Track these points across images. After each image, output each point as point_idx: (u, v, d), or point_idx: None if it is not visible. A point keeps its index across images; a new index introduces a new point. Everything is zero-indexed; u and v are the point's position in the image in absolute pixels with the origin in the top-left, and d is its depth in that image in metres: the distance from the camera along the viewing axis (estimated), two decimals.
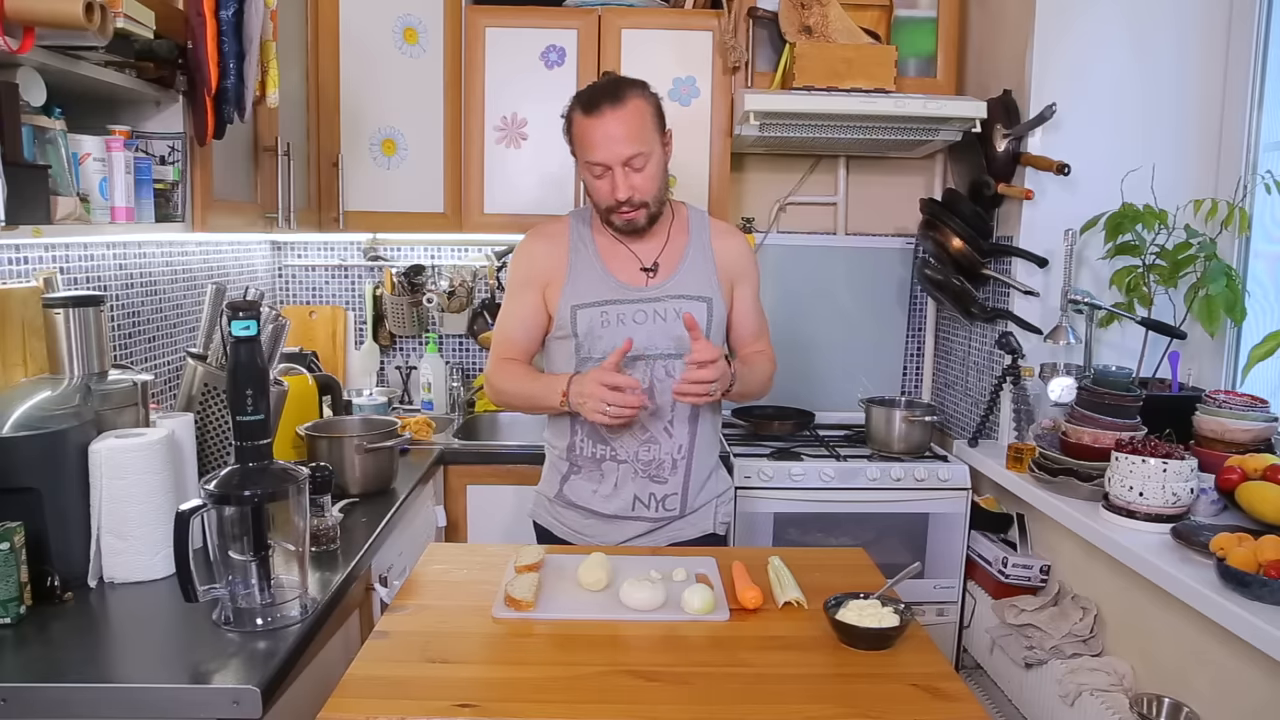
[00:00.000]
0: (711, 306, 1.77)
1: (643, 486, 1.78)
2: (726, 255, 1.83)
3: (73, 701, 1.14)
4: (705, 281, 1.78)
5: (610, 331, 1.73)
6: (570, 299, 1.75)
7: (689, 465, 1.80)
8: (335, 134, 2.56)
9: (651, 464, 1.77)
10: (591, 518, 1.81)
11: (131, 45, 1.49)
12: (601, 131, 1.65)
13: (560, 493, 1.84)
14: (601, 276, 1.76)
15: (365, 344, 3.00)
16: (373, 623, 1.55)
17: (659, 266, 1.78)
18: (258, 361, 1.32)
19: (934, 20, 2.70)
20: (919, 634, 1.32)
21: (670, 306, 1.74)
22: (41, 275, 1.69)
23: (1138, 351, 2.32)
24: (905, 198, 2.96)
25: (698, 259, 1.80)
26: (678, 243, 1.81)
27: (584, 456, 1.80)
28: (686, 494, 1.81)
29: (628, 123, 1.64)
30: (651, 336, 1.74)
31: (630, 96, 1.66)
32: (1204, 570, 1.61)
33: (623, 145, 1.64)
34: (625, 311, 1.74)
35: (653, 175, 1.69)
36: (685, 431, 1.78)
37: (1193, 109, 2.38)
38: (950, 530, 2.49)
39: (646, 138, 1.67)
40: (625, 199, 1.67)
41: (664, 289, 1.76)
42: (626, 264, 1.78)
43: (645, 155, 1.67)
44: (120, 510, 1.42)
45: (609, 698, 1.14)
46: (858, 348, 3.02)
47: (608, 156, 1.65)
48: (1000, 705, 2.29)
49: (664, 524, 1.81)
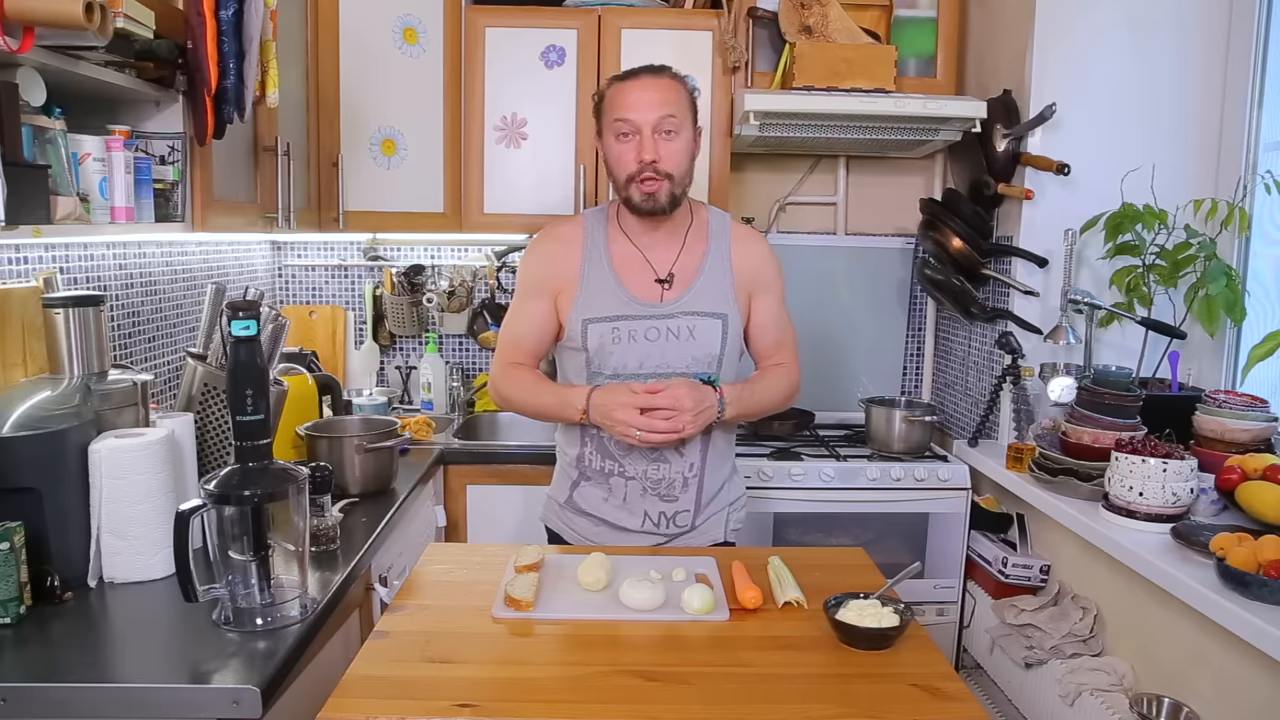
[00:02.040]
0: (727, 323, 1.71)
1: (653, 505, 1.74)
2: (746, 265, 1.75)
3: (73, 701, 1.14)
4: (722, 297, 1.72)
5: (622, 349, 1.68)
6: (582, 312, 1.70)
7: (700, 483, 1.75)
8: (335, 134, 2.56)
9: (661, 483, 1.73)
10: (601, 525, 1.77)
11: (131, 45, 1.49)
12: (637, 93, 1.63)
13: (570, 499, 1.80)
14: (614, 289, 1.70)
15: (365, 344, 3.00)
16: (373, 623, 1.55)
17: (674, 278, 1.71)
18: (258, 361, 1.32)
19: (934, 20, 2.70)
20: (919, 634, 1.32)
21: (684, 324, 1.69)
22: (41, 275, 1.69)
23: (1138, 351, 2.32)
24: (905, 198, 2.96)
25: (715, 271, 1.73)
26: (695, 251, 1.74)
27: (592, 469, 1.76)
28: (697, 510, 1.77)
29: (664, 90, 1.64)
30: (665, 355, 1.69)
31: (669, 75, 1.68)
32: (1204, 570, 1.61)
33: (656, 107, 1.62)
34: (637, 328, 1.69)
35: (681, 150, 1.65)
36: (697, 450, 1.73)
37: (1193, 109, 2.38)
38: (950, 530, 2.49)
39: (681, 110, 1.65)
40: (651, 160, 1.62)
41: (679, 304, 1.70)
42: (641, 275, 1.72)
43: (677, 123, 1.63)
44: (120, 510, 1.42)
45: (609, 698, 1.14)
46: (858, 348, 3.02)
47: (640, 116, 1.62)
48: (1000, 705, 2.29)
49: (674, 538, 1.78)
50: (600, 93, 1.71)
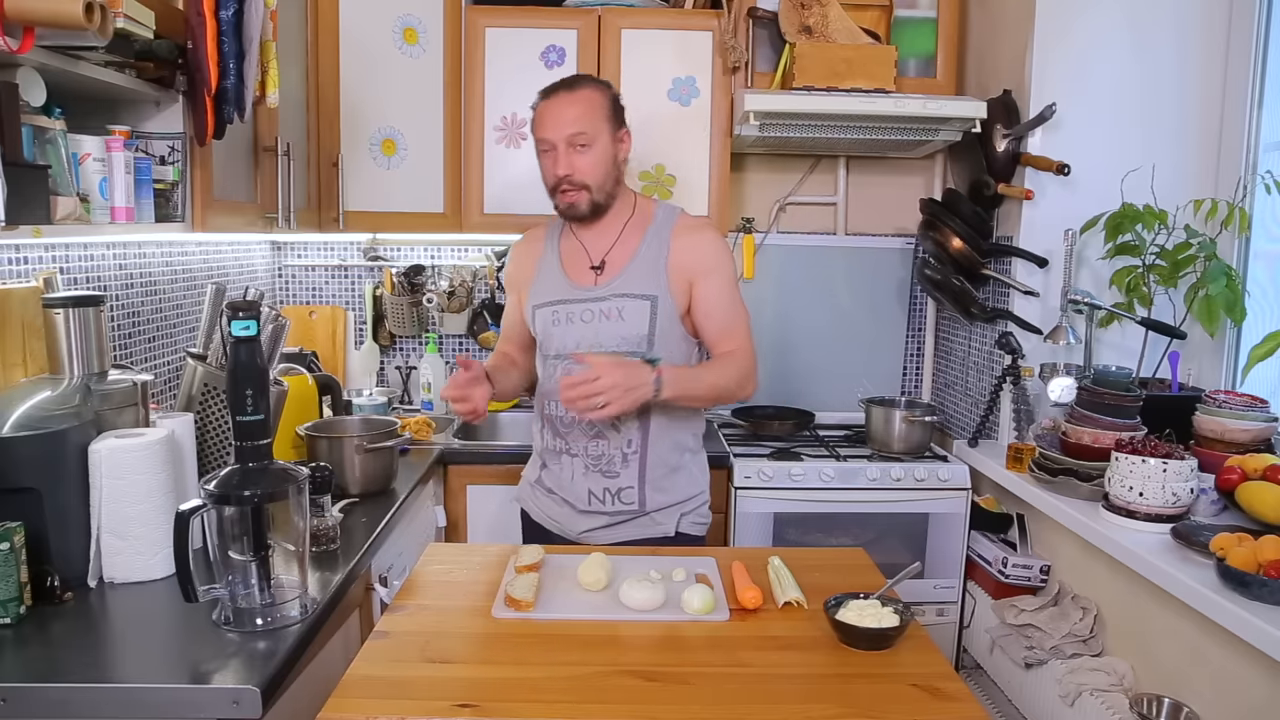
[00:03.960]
0: (656, 304, 1.78)
1: (596, 481, 1.83)
2: (686, 251, 1.80)
3: (73, 701, 1.14)
4: (652, 280, 1.79)
5: (560, 330, 1.82)
6: (533, 299, 1.87)
7: (643, 461, 1.82)
8: (335, 134, 2.56)
9: (601, 459, 1.82)
10: (563, 506, 1.88)
11: (131, 45, 1.49)
12: (551, 111, 1.76)
13: (539, 479, 1.94)
14: (557, 277, 1.85)
15: (365, 344, 3.00)
16: (373, 623, 1.55)
17: (605, 264, 1.83)
18: (258, 361, 1.32)
19: (934, 20, 2.70)
20: (919, 634, 1.33)
21: (614, 305, 1.79)
22: (41, 275, 1.69)
23: (1138, 351, 2.32)
24: (905, 198, 2.96)
25: (648, 256, 1.81)
26: (631, 240, 1.83)
27: (547, 449, 1.89)
28: (644, 490, 1.83)
29: (576, 105, 1.75)
30: (598, 334, 1.79)
31: (584, 86, 1.78)
32: (1204, 570, 1.61)
33: (568, 124, 1.73)
34: (574, 310, 1.81)
35: (596, 161, 1.76)
36: (635, 427, 1.81)
37: (1193, 109, 2.38)
38: (950, 530, 2.49)
39: (593, 123, 1.75)
40: (565, 174, 1.74)
41: (609, 288, 1.80)
42: (579, 263, 1.85)
43: (589, 137, 1.74)
44: (120, 510, 1.42)
45: (609, 698, 1.14)
46: (858, 348, 3.02)
47: (553, 133, 1.74)
48: (1000, 705, 2.29)
49: (624, 519, 1.84)
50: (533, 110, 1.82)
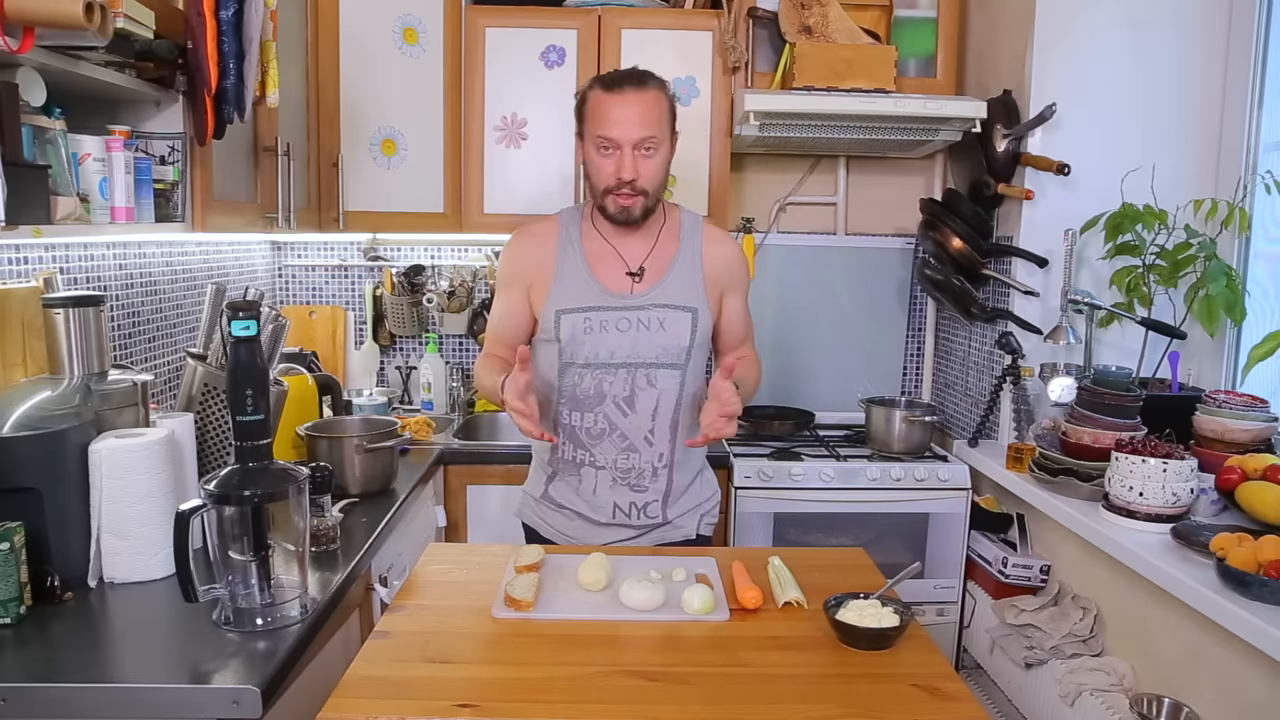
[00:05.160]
0: (696, 317, 1.74)
1: (623, 495, 1.77)
2: (718, 264, 1.79)
3: (73, 701, 1.14)
4: (692, 291, 1.75)
5: (594, 338, 1.72)
6: (555, 303, 1.74)
7: (670, 474, 1.78)
8: (335, 134, 2.56)
9: (631, 472, 1.76)
10: (576, 519, 1.81)
11: (131, 45, 1.49)
12: (620, 109, 1.65)
13: (545, 494, 1.84)
14: (586, 281, 1.74)
15: (365, 344, 3.00)
16: (373, 623, 1.55)
17: (645, 271, 1.75)
18: (258, 361, 1.32)
19: (934, 20, 2.70)
20: (919, 634, 1.32)
21: (654, 316, 1.73)
22: (41, 275, 1.69)
23: (1138, 351, 2.32)
24: (905, 198, 2.96)
25: (686, 267, 1.77)
26: (667, 248, 1.78)
27: (564, 460, 1.79)
28: (667, 502, 1.80)
29: (647, 107, 1.66)
30: (635, 345, 1.72)
31: (653, 86, 1.70)
32: (1204, 570, 1.61)
33: (638, 127, 1.65)
34: (609, 319, 1.72)
35: (659, 166, 1.69)
36: (666, 441, 1.76)
37: (1193, 109, 2.38)
38: (950, 530, 2.49)
39: (661, 127, 1.68)
40: (630, 179, 1.66)
41: (649, 297, 1.74)
42: (613, 268, 1.76)
43: (657, 142, 1.67)
44: (120, 510, 1.42)
45: (609, 698, 1.14)
46: (858, 348, 3.01)
47: (622, 134, 1.65)
48: (1000, 705, 2.29)
49: (646, 530, 1.80)
50: (583, 94, 1.73)
